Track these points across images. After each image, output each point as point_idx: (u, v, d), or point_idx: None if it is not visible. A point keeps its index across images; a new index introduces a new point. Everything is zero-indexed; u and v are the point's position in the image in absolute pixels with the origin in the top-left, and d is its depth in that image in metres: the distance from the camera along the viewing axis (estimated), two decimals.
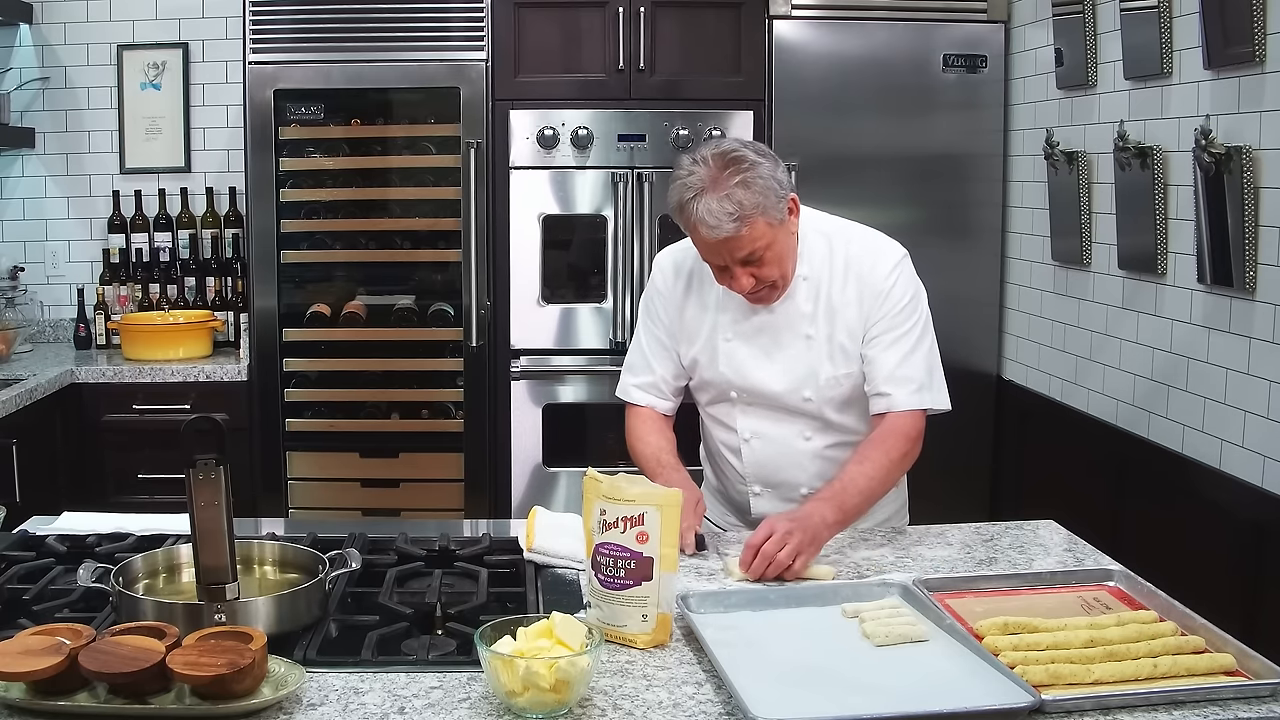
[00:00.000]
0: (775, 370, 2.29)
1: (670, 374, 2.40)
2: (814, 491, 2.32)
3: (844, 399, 2.30)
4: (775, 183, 2.14)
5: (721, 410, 2.39)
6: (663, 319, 2.39)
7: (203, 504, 1.64)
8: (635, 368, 2.44)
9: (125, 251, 4.41)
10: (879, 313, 2.26)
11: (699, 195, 2.11)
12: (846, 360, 2.27)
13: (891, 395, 2.24)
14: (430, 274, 4.26)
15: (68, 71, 4.47)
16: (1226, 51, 2.79)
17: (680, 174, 2.16)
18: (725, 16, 3.98)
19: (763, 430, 2.34)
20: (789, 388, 2.29)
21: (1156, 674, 1.58)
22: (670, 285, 2.39)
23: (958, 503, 3.76)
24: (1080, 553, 2.17)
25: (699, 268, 2.33)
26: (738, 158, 2.12)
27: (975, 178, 4.08)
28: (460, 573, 2.00)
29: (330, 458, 4.08)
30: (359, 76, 3.95)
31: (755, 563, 1.99)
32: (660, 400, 2.42)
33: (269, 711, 1.49)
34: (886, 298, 2.26)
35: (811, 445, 2.33)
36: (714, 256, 2.18)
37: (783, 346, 2.29)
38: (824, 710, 1.50)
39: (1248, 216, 2.71)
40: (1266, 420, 2.73)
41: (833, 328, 2.27)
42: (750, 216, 2.10)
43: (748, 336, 2.31)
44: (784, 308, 2.28)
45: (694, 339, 2.36)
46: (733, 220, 2.09)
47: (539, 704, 1.47)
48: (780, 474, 2.36)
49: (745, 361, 2.31)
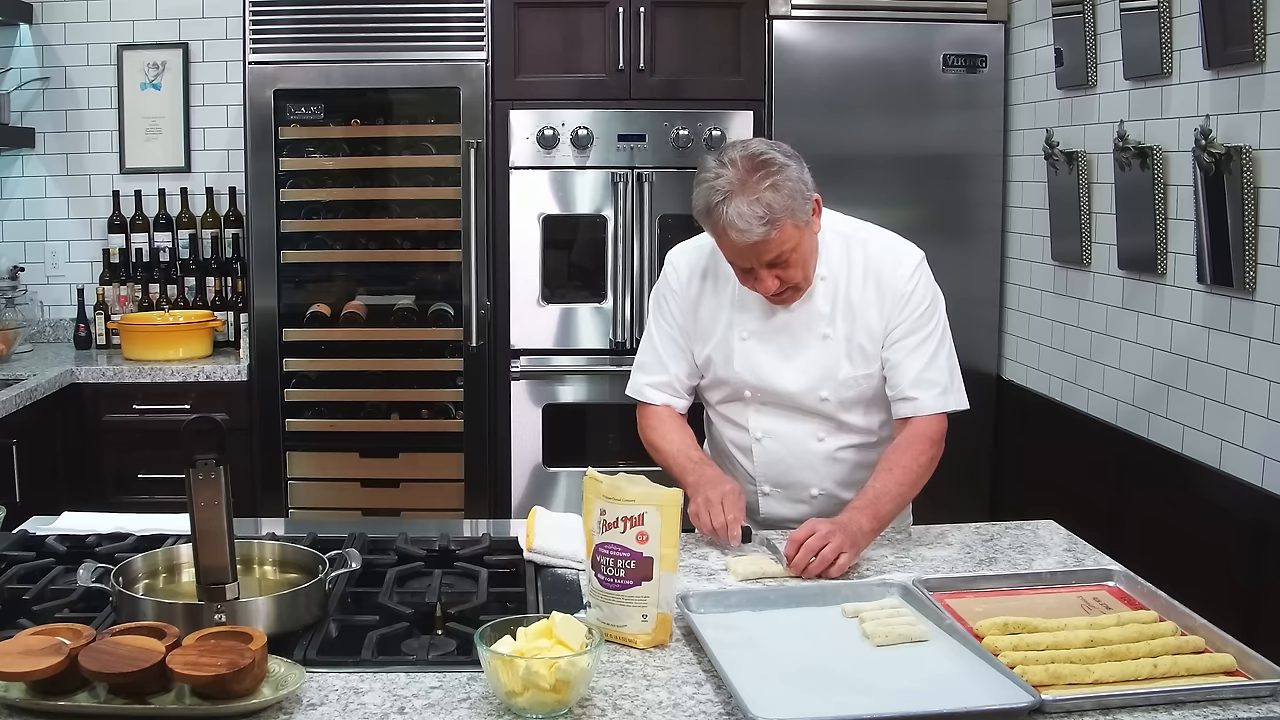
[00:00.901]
0: (792, 370, 2.28)
1: (685, 373, 2.39)
2: (824, 494, 2.33)
3: (859, 400, 2.30)
4: (803, 184, 2.12)
5: (734, 409, 2.38)
6: (676, 318, 2.37)
7: (203, 504, 1.64)
8: (648, 366, 2.41)
9: (125, 251, 4.41)
10: (900, 316, 2.25)
11: (728, 198, 2.07)
12: (865, 361, 2.26)
13: (918, 400, 2.23)
14: (430, 274, 4.26)
15: (68, 71, 4.47)
16: (1226, 51, 2.79)
17: (707, 176, 2.12)
18: (725, 16, 3.99)
19: (775, 430, 2.33)
20: (806, 388, 2.28)
21: (1156, 674, 1.59)
22: (684, 284, 2.37)
23: (958, 503, 3.75)
24: (1080, 553, 2.17)
25: (714, 265, 2.32)
26: (766, 160, 2.10)
27: (975, 178, 4.08)
28: (460, 573, 2.00)
29: (330, 458, 4.08)
30: (359, 76, 3.95)
31: (799, 555, 1.99)
32: (676, 399, 2.40)
33: (269, 711, 1.49)
34: (908, 301, 2.25)
35: (824, 446, 2.32)
36: (740, 260, 2.16)
37: (801, 346, 2.28)
38: (824, 710, 1.50)
39: (1248, 216, 2.71)
40: (1266, 420, 2.73)
41: (851, 328, 2.26)
42: (780, 220, 2.08)
43: (765, 336, 2.29)
44: (802, 308, 2.27)
45: (708, 338, 2.35)
46: (763, 224, 2.06)
47: (539, 704, 1.47)
48: (791, 475, 2.35)
49: (762, 361, 2.30)
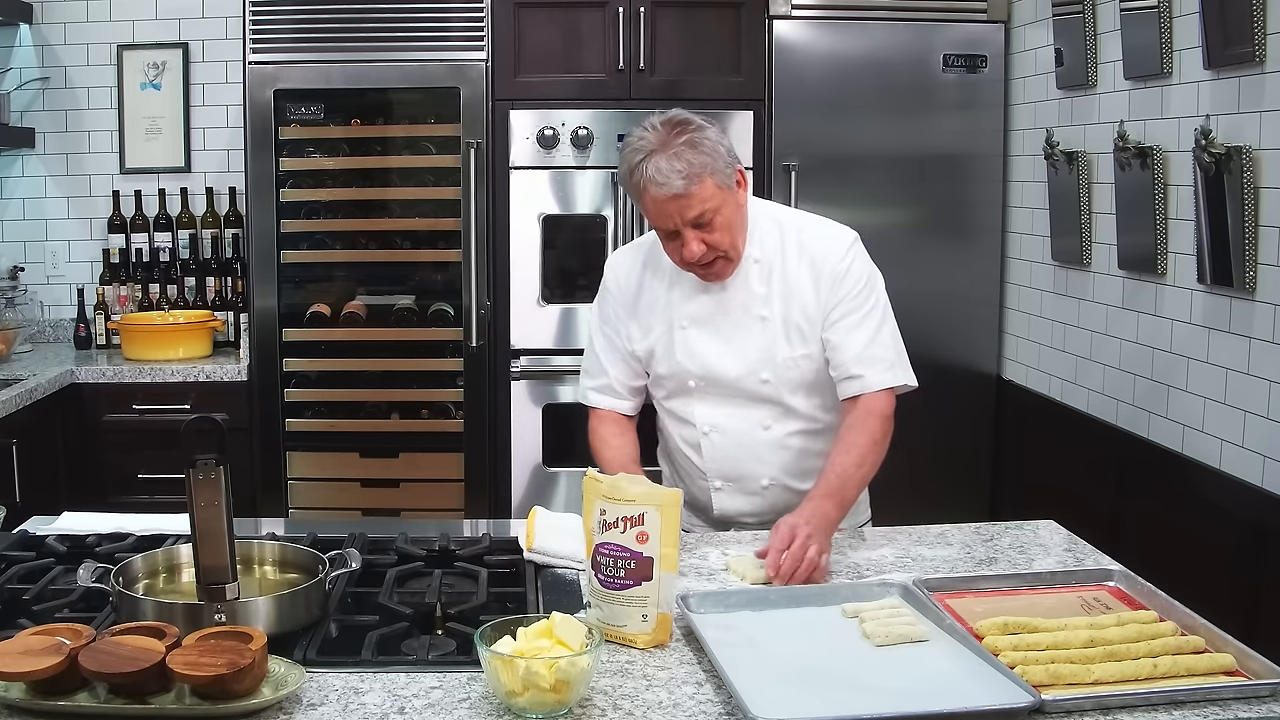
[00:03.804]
0: (732, 354, 2.31)
1: (623, 374, 2.40)
2: (774, 483, 2.34)
3: (802, 382, 2.31)
4: (722, 148, 2.20)
5: (680, 404, 2.38)
6: (613, 320, 2.40)
7: (203, 504, 1.64)
8: (591, 371, 2.45)
9: (125, 251, 4.41)
10: (838, 294, 2.28)
11: (648, 156, 2.15)
12: (804, 341, 2.29)
13: (864, 376, 2.25)
14: (430, 274, 4.26)
15: (68, 71, 4.47)
16: (1226, 51, 2.79)
17: (630, 141, 2.21)
18: (725, 16, 3.99)
19: (721, 423, 2.34)
20: (746, 370, 2.30)
21: (1156, 674, 1.58)
22: (622, 285, 2.40)
23: (958, 503, 3.77)
24: (1080, 553, 2.17)
25: (653, 259, 2.36)
26: (685, 120, 2.19)
27: (975, 178, 4.08)
28: (460, 573, 1.99)
29: (330, 458, 4.08)
30: (359, 76, 3.95)
31: (786, 565, 1.96)
32: (619, 401, 2.42)
33: (269, 711, 1.49)
34: (844, 279, 2.28)
35: (771, 434, 2.33)
36: (664, 219, 2.20)
37: (738, 329, 2.31)
38: (824, 710, 1.50)
39: (1248, 216, 2.71)
40: (1266, 420, 2.73)
41: (788, 308, 2.29)
42: (699, 174, 2.14)
43: (703, 322, 2.32)
44: (737, 290, 2.30)
45: (649, 330, 2.37)
46: (681, 177, 2.13)
47: (539, 704, 1.47)
48: (741, 466, 2.35)
49: (702, 347, 2.32)
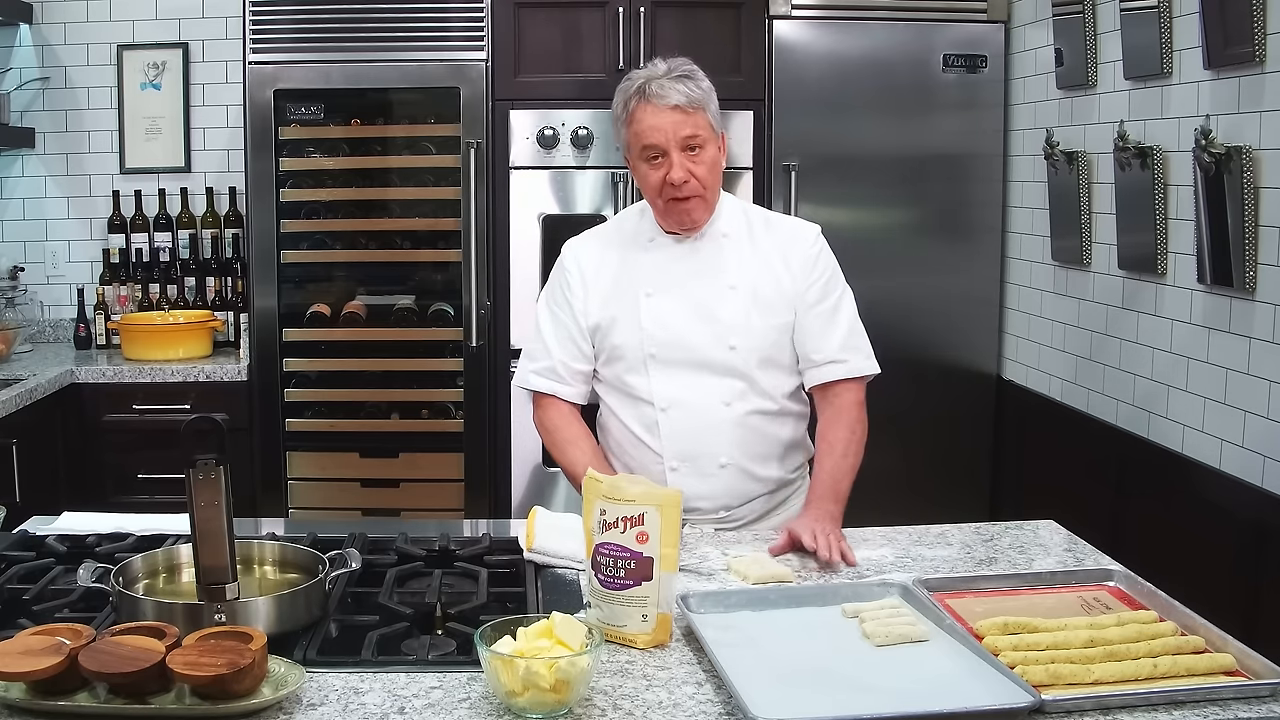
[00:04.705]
0: (699, 321, 2.31)
1: (568, 356, 2.39)
2: (732, 463, 2.34)
3: (766, 358, 2.32)
4: (716, 101, 2.28)
5: (636, 380, 2.35)
6: (564, 298, 2.40)
7: (203, 504, 1.64)
8: (533, 355, 2.44)
9: (125, 251, 4.41)
10: (810, 278, 2.33)
11: (649, 80, 2.24)
12: (772, 312, 2.32)
13: (849, 361, 2.33)
14: (430, 274, 4.26)
15: (68, 71, 4.47)
16: (1226, 51, 2.79)
17: (630, 74, 2.30)
18: (725, 16, 3.99)
19: (680, 397, 2.32)
20: (714, 337, 2.31)
21: (1156, 674, 1.58)
22: (581, 262, 2.42)
23: (958, 503, 3.77)
24: (1080, 553, 2.17)
25: (616, 241, 2.42)
26: (685, 62, 2.28)
27: (975, 178, 4.08)
28: (460, 573, 1.99)
29: (330, 458, 4.08)
30: (359, 76, 3.95)
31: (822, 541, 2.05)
32: (560, 385, 2.40)
33: (269, 711, 1.49)
34: (815, 263, 2.35)
35: (731, 411, 2.32)
36: (656, 134, 2.23)
37: (707, 296, 2.32)
38: (824, 710, 1.50)
39: (1248, 216, 2.71)
40: (1266, 420, 2.73)
41: (757, 280, 2.32)
42: (699, 103, 2.23)
43: (671, 290, 2.33)
44: (707, 259, 2.33)
45: (609, 300, 2.36)
46: (683, 96, 2.20)
47: (539, 704, 1.47)
48: (699, 444, 2.33)
49: (669, 315, 2.32)
